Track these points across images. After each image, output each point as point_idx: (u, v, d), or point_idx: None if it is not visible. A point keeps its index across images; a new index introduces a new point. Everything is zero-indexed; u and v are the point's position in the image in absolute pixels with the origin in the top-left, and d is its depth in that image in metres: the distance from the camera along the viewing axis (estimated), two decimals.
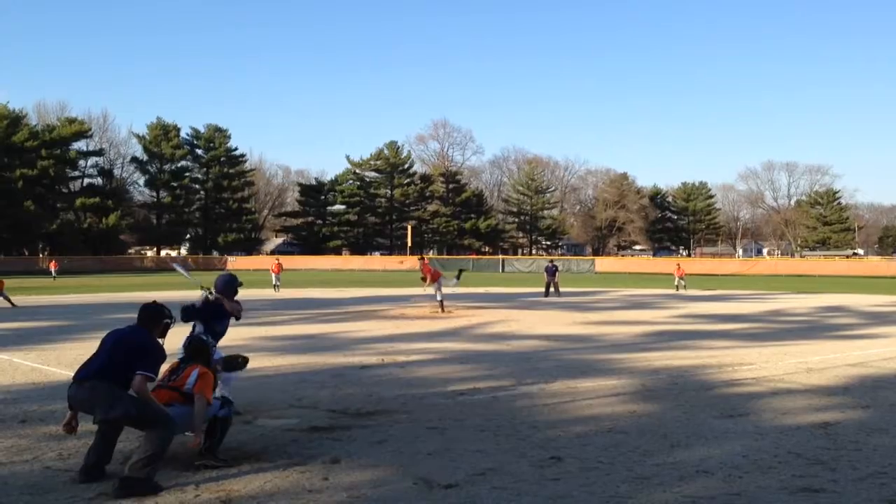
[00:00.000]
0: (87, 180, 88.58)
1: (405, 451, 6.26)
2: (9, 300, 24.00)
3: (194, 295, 7.89)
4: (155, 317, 5.85)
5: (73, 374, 5.58)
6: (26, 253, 77.72)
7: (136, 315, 5.84)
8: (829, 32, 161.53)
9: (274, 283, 34.17)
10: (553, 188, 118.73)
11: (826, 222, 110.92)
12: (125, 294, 32.53)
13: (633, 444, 6.43)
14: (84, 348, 13.07)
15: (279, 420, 7.23)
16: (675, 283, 36.50)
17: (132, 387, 5.36)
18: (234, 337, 14.02)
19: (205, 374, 6.03)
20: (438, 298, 21.72)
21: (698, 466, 5.77)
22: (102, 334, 5.85)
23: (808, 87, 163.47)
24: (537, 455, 6.10)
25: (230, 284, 7.81)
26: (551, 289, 29.73)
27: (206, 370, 6.12)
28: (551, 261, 36.49)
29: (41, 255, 76.37)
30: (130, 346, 5.55)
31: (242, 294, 8.28)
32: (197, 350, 6.36)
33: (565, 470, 5.68)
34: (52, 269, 53.75)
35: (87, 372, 5.46)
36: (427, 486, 5.30)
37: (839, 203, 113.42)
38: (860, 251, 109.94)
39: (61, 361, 11.49)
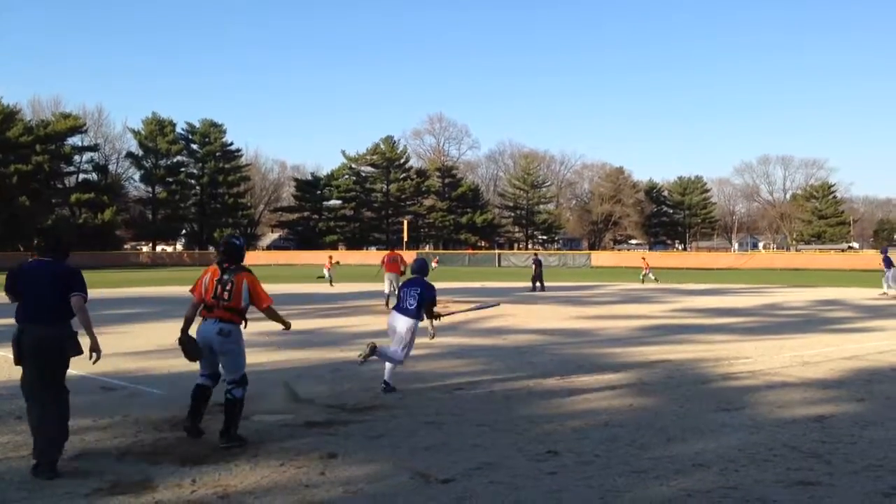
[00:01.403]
0: (81, 175, 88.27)
1: (402, 445, 6.27)
2: None
3: None
4: (60, 244, 5.95)
5: (17, 319, 5.63)
6: (21, 249, 77.50)
7: (134, 310, 5.84)
8: (824, 26, 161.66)
9: (327, 277, 35.45)
10: (549, 182, 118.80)
11: (821, 216, 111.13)
12: (121, 290, 32.47)
13: (629, 438, 6.45)
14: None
15: (276, 415, 7.23)
16: (649, 276, 37.29)
17: (76, 307, 5.60)
18: None
19: (252, 283, 6.48)
20: (387, 292, 20.93)
21: (694, 460, 5.78)
22: (98, 330, 5.86)
23: (804, 81, 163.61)
24: (534, 449, 6.11)
25: (425, 267, 9.22)
26: (537, 282, 29.86)
27: (252, 276, 6.53)
28: (535, 253, 36.49)
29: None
30: (66, 279, 5.69)
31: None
32: (231, 251, 6.64)
33: (562, 464, 5.70)
34: None
35: (42, 313, 5.54)
36: (424, 480, 5.31)
37: (834, 197, 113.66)
38: (855, 245, 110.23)
39: None
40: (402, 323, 8.59)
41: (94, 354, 5.67)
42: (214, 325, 6.37)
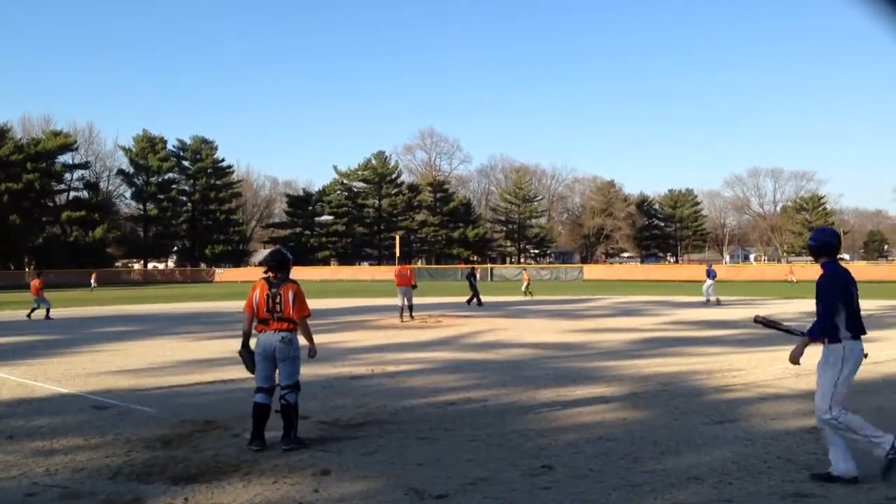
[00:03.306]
0: (72, 193, 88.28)
1: (396, 461, 6.24)
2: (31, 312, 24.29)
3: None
4: None
5: None
6: (12, 267, 77.17)
7: (125, 328, 5.84)
8: (813, 39, 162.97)
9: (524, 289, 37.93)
10: (540, 196, 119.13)
11: (812, 228, 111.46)
12: (112, 307, 32.35)
13: (623, 452, 6.44)
14: (71, 362, 12.99)
15: (268, 432, 7.18)
16: (523, 288, 38.00)
17: None
18: (222, 349, 13.97)
19: (297, 293, 6.79)
20: (405, 304, 21.68)
21: (689, 473, 5.77)
22: (90, 348, 5.84)
23: (793, 94, 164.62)
24: (528, 464, 6.09)
25: None
26: (475, 297, 29.50)
27: (296, 287, 6.84)
28: (473, 268, 36.40)
29: (27, 270, 75.95)
30: None
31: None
32: (280, 261, 6.95)
33: (556, 478, 5.68)
34: (93, 280, 56.08)
35: None
36: (418, 496, 5.29)
37: (824, 208, 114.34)
38: (846, 256, 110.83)
39: (48, 376, 11.40)
40: None
41: None
42: (275, 335, 6.73)
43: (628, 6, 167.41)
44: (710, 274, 31.33)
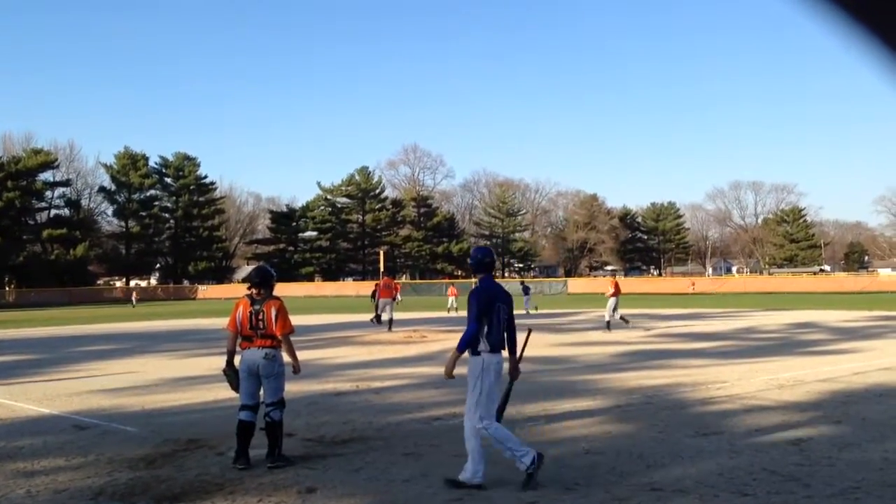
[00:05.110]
0: (53, 211, 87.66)
1: (381, 478, 6.21)
2: None
3: None
4: None
5: None
6: None
7: (107, 347, 5.78)
8: (792, 51, 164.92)
9: (452, 304, 37.21)
10: (524, 211, 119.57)
11: (793, 240, 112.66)
12: (94, 326, 32.05)
13: (609, 465, 6.44)
14: (52, 382, 12.84)
15: (253, 450, 7.13)
16: (449, 304, 37.65)
17: None
18: (206, 367, 13.86)
19: (280, 309, 6.80)
20: (385, 318, 22.12)
21: (675, 486, 5.78)
22: (72, 367, 5.78)
23: (773, 106, 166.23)
24: (515, 478, 6.07)
25: None
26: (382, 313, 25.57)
27: (280, 303, 6.85)
28: (376, 284, 34.02)
29: (7, 288, 75.23)
30: None
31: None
32: (263, 278, 6.96)
33: (543, 493, 5.66)
34: (134, 297, 56.25)
35: None
36: None
37: (805, 220, 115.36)
38: (827, 267, 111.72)
39: (29, 396, 11.26)
40: None
41: None
42: (259, 352, 6.75)
43: (610, 20, 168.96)
44: (526, 290, 35.78)
